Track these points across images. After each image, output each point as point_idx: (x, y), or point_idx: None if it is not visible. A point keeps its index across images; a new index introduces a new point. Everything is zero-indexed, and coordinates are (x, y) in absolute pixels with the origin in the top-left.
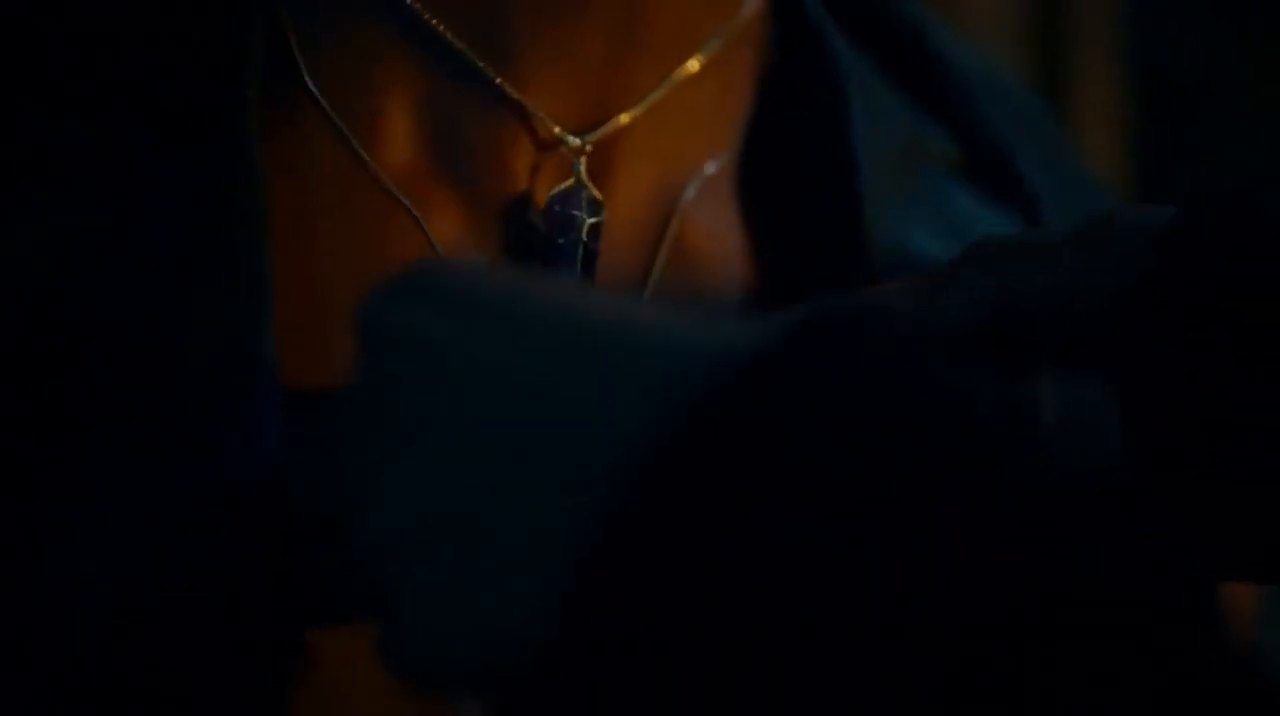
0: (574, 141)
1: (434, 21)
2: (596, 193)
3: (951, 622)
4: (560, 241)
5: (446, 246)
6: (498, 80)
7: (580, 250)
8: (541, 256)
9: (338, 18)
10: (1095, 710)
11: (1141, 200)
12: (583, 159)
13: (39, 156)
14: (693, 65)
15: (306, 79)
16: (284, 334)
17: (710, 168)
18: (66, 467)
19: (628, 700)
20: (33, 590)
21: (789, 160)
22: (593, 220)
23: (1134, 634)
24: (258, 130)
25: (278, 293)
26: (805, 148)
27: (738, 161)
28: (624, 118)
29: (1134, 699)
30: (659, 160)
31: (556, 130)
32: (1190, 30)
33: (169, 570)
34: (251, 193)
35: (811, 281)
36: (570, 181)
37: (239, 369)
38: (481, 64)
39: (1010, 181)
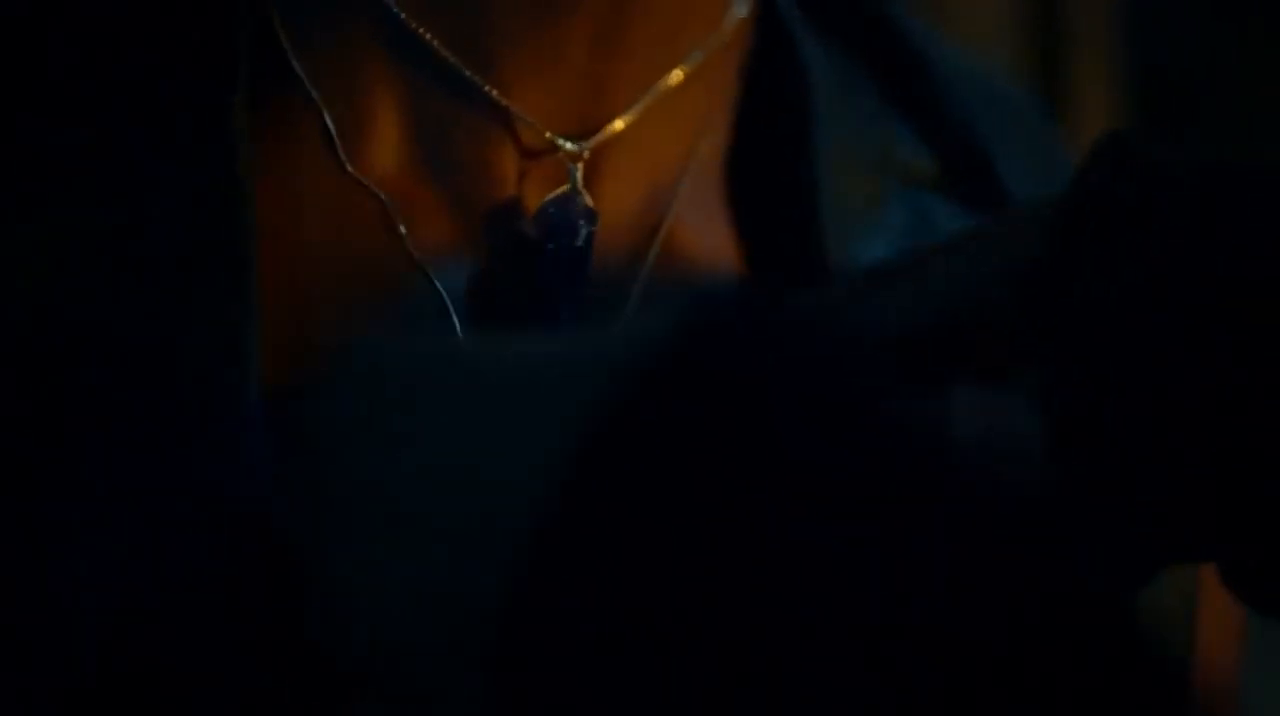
0: (571, 147)
1: (420, 29)
2: (589, 199)
3: (951, 622)
4: (550, 246)
5: (433, 253)
6: (485, 87)
7: (574, 257)
8: (531, 263)
9: (327, 21)
10: (1094, 710)
11: None
12: (580, 165)
13: (38, 157)
14: (678, 74)
15: (297, 81)
16: (270, 334)
17: (698, 173)
18: (66, 467)
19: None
20: (33, 590)
21: (763, 171)
22: (589, 228)
23: (1127, 635)
24: (248, 131)
25: (265, 292)
26: (775, 160)
27: (724, 168)
28: (618, 124)
29: (1130, 698)
30: (648, 166)
31: (548, 135)
32: (1190, 30)
33: (168, 570)
34: (239, 194)
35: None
36: (565, 188)
37: (231, 369)
38: (468, 71)
39: (988, 187)
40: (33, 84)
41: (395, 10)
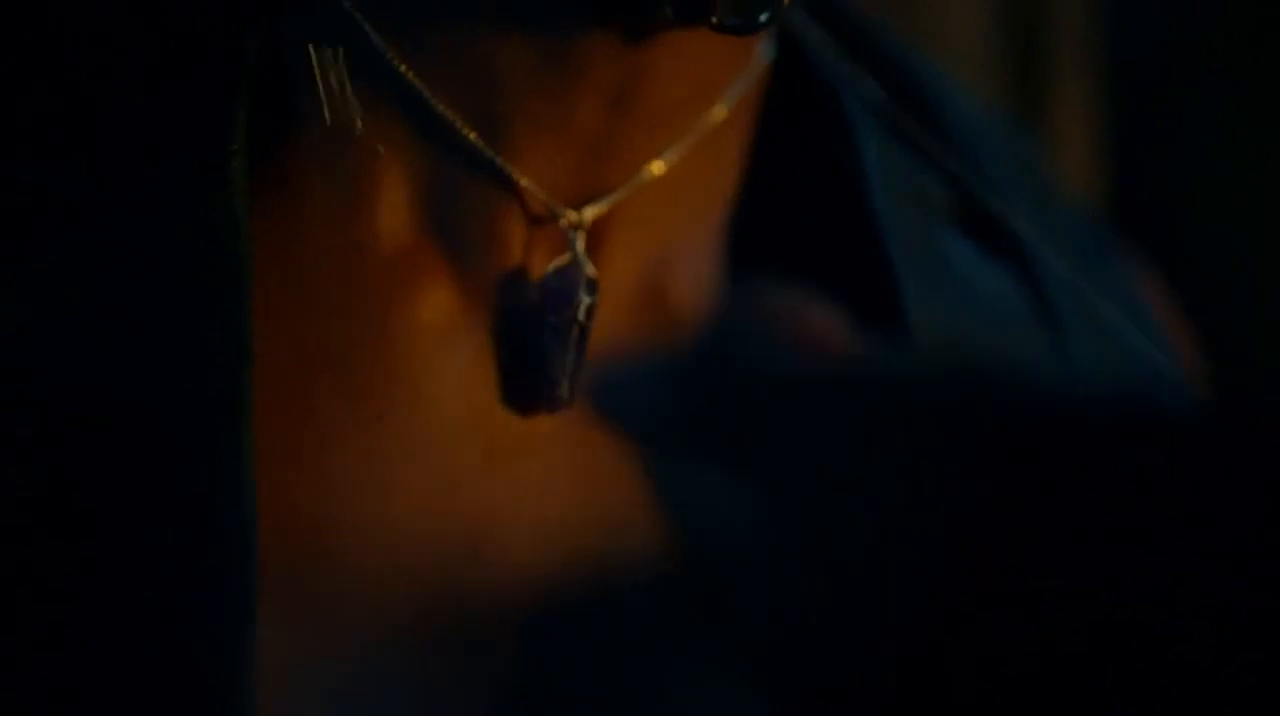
0: (573, 216)
1: (428, 94)
2: (593, 270)
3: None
4: (551, 319)
5: (434, 322)
6: (490, 153)
7: (574, 328)
8: (533, 333)
9: None
10: (1097, 710)
11: (1120, 221)
12: (581, 234)
13: (23, 205)
14: (691, 139)
15: (306, 137)
16: (265, 397)
17: (707, 237)
18: (62, 535)
19: None
20: (33, 669)
21: (797, 224)
22: (589, 299)
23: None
24: (248, 183)
25: (259, 352)
26: (817, 211)
27: (735, 230)
28: (622, 192)
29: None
30: (655, 234)
31: (552, 205)
32: (1172, 26)
33: (163, 637)
34: (236, 249)
35: None
36: (567, 257)
37: (225, 428)
38: (475, 138)
39: (1005, 235)
40: (18, 130)
41: (405, 73)
